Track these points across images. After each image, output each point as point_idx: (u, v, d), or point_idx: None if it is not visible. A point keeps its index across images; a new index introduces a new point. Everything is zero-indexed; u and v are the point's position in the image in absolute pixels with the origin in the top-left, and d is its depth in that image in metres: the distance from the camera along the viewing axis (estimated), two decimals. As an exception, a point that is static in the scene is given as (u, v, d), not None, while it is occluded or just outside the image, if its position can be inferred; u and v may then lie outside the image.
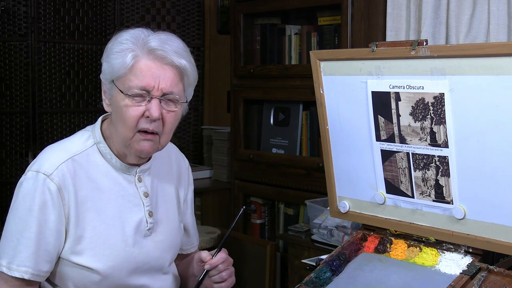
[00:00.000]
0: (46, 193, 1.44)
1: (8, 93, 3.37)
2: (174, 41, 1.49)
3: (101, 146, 1.53)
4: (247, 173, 3.09)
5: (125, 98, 1.44)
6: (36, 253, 1.44)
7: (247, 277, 2.84)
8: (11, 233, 1.46)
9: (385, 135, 1.49)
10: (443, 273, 1.39)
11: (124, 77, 1.45)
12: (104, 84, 1.51)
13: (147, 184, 1.58)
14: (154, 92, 1.44)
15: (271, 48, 3.07)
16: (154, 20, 3.74)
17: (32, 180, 1.46)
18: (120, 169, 1.54)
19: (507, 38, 2.30)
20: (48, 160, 1.48)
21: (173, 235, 1.64)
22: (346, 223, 2.26)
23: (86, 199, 1.49)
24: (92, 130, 1.56)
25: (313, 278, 1.48)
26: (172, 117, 1.48)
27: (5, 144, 3.39)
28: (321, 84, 1.58)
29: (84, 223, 1.48)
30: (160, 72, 1.44)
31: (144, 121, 1.45)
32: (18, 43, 3.37)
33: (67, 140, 1.56)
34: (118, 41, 1.48)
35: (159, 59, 1.45)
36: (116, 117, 1.48)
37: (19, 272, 1.44)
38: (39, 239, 1.44)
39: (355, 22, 2.57)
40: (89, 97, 3.61)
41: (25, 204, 1.45)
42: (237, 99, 3.13)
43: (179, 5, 3.80)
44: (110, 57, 1.47)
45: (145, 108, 1.44)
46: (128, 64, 1.44)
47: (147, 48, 1.45)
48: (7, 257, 1.45)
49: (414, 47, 1.37)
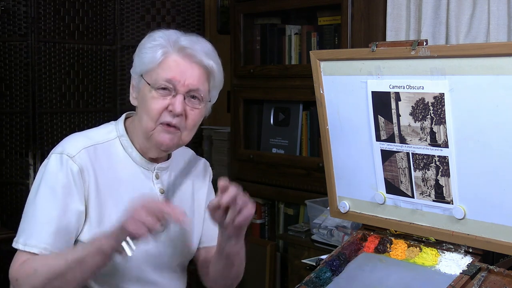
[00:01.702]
0: (69, 173, 1.48)
1: (8, 93, 3.36)
2: (204, 43, 1.55)
3: (123, 139, 1.57)
4: (247, 173, 3.09)
5: (152, 90, 1.49)
6: (56, 232, 1.47)
7: (247, 277, 2.83)
8: (33, 212, 1.49)
9: (385, 135, 1.49)
10: (443, 273, 1.39)
11: (153, 71, 1.50)
12: (133, 78, 1.57)
13: (164, 182, 1.60)
14: (180, 87, 1.48)
15: (271, 48, 3.06)
16: (154, 20, 3.74)
17: (55, 161, 1.50)
18: (140, 163, 1.57)
19: (507, 38, 2.30)
20: (72, 144, 1.53)
21: (186, 234, 1.64)
22: (346, 223, 2.26)
23: (105, 187, 1.52)
24: (116, 124, 1.61)
25: (313, 278, 1.48)
26: (196, 114, 1.52)
27: (5, 144, 3.39)
28: (321, 84, 1.58)
29: (103, 209, 1.51)
30: (187, 68, 1.50)
31: (167, 114, 1.49)
32: (18, 43, 3.36)
33: (91, 130, 1.61)
34: (151, 38, 1.54)
35: (188, 57, 1.50)
36: (141, 109, 1.52)
37: (38, 248, 1.46)
38: (61, 218, 1.47)
39: (355, 22, 2.57)
40: (89, 97, 3.60)
41: (48, 184, 1.49)
42: (237, 99, 3.13)
43: (179, 5, 3.80)
44: (142, 52, 1.53)
45: (169, 102, 1.48)
46: (158, 59, 1.49)
47: (177, 46, 1.50)
48: (26, 235, 1.47)
49: (414, 47, 1.37)
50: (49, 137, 3.43)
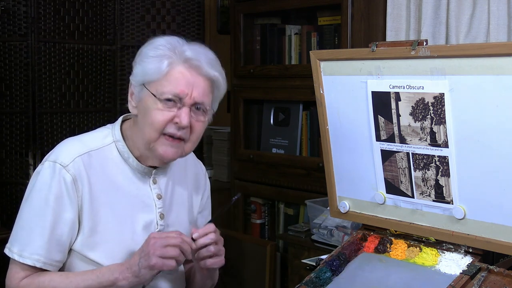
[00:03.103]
0: (62, 183, 1.47)
1: (8, 93, 3.36)
2: (207, 53, 1.53)
3: (119, 144, 1.55)
4: (247, 173, 3.09)
5: (157, 101, 1.46)
6: (49, 242, 1.46)
7: (247, 277, 2.84)
8: (26, 221, 1.49)
9: (385, 135, 1.49)
10: (443, 273, 1.39)
11: (157, 82, 1.47)
12: (134, 86, 1.53)
13: (162, 187, 1.59)
14: (186, 100, 1.47)
15: (271, 48, 3.06)
16: (154, 20, 3.74)
17: (49, 170, 1.49)
18: (136, 169, 1.56)
19: (507, 38, 2.30)
20: (66, 152, 1.51)
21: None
22: (346, 223, 2.26)
23: (100, 194, 1.51)
24: (112, 128, 1.58)
25: (313, 278, 1.48)
26: (200, 126, 1.51)
27: (5, 144, 3.39)
28: (321, 84, 1.58)
29: (97, 217, 1.50)
30: (194, 80, 1.47)
31: (172, 126, 1.47)
32: (18, 43, 3.36)
33: (87, 135, 1.59)
34: (153, 46, 1.50)
35: (194, 69, 1.48)
36: (144, 120, 1.49)
37: (32, 260, 1.46)
38: (53, 228, 1.46)
39: (355, 22, 2.57)
40: (89, 97, 3.60)
41: (41, 194, 1.48)
42: (237, 99, 3.13)
43: (179, 5, 3.80)
44: (145, 61, 1.49)
45: (174, 114, 1.46)
46: (164, 70, 1.46)
47: (183, 57, 1.47)
48: (20, 244, 1.47)
49: (414, 47, 1.37)
50: (49, 137, 3.43)
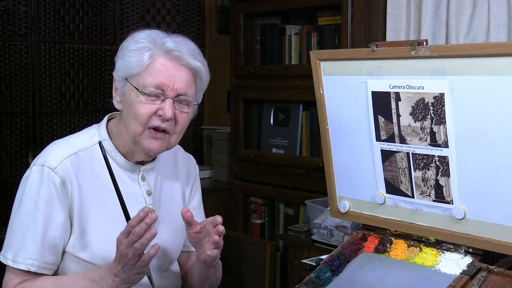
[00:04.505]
0: (51, 186, 1.47)
1: (8, 93, 3.37)
2: (188, 43, 1.52)
3: (106, 143, 1.54)
4: (247, 173, 3.09)
5: (140, 95, 1.46)
6: (42, 246, 1.46)
7: (247, 277, 2.84)
8: (18, 227, 1.48)
9: (385, 135, 1.49)
10: (443, 273, 1.39)
11: (139, 75, 1.47)
12: (117, 81, 1.53)
13: (151, 183, 1.59)
14: (169, 92, 1.46)
15: (271, 48, 3.06)
16: (154, 20, 3.74)
17: (37, 174, 1.48)
18: (124, 166, 1.56)
19: (507, 38, 2.30)
20: (53, 154, 1.51)
21: (176, 234, 1.64)
22: (346, 223, 2.26)
23: (89, 194, 1.51)
24: (98, 128, 1.58)
25: (313, 278, 1.48)
26: (184, 117, 1.51)
27: (5, 144, 3.39)
28: (321, 84, 1.58)
29: (87, 218, 1.50)
30: (176, 72, 1.47)
31: (156, 118, 1.47)
32: (18, 43, 3.36)
33: (73, 136, 1.59)
34: (134, 39, 1.50)
35: (175, 60, 1.48)
36: (128, 114, 1.49)
37: (25, 264, 1.46)
38: (45, 232, 1.46)
39: (355, 22, 2.57)
40: (89, 97, 3.60)
41: (31, 199, 1.47)
42: (237, 99, 3.13)
43: (179, 5, 3.80)
44: (126, 55, 1.49)
45: (158, 106, 1.46)
46: (145, 63, 1.46)
47: (164, 48, 1.47)
48: (13, 250, 1.47)
49: (414, 47, 1.37)
50: (49, 137, 3.43)
